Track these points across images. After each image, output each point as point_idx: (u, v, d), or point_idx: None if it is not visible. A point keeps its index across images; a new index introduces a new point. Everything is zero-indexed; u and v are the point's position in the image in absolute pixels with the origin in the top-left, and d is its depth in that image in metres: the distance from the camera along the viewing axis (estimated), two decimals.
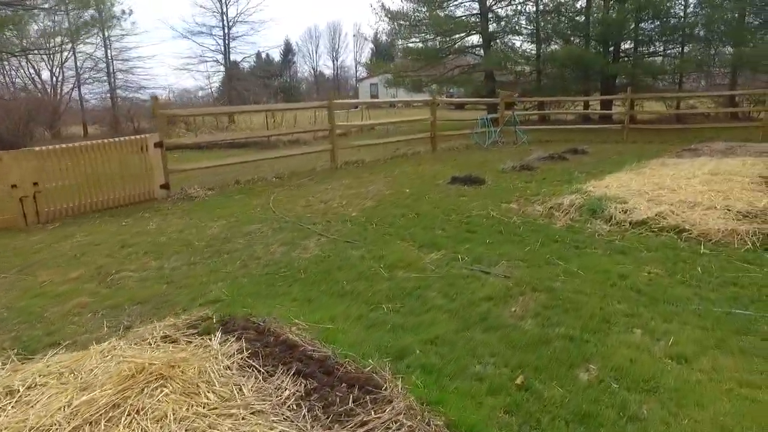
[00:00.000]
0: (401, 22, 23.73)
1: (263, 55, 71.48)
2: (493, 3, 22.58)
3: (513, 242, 4.78)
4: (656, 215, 5.00)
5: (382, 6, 23.43)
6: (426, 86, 23.60)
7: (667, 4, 19.16)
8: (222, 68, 36.94)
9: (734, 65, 19.34)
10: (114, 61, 29.55)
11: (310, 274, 4.20)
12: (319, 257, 4.63)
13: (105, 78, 28.32)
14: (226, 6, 34.58)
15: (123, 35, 28.79)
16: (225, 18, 35.04)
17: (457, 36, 23.32)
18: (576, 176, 8.30)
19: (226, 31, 35.50)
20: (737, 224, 4.62)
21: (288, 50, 75.51)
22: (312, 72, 78.89)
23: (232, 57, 37.17)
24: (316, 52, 78.97)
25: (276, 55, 73.68)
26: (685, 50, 20.41)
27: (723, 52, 20.34)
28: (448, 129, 15.80)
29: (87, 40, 26.74)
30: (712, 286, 3.55)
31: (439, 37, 23.06)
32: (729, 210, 4.94)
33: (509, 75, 23.93)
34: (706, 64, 20.31)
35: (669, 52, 21.05)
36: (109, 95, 28.25)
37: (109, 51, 27.95)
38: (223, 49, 36.15)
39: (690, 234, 4.64)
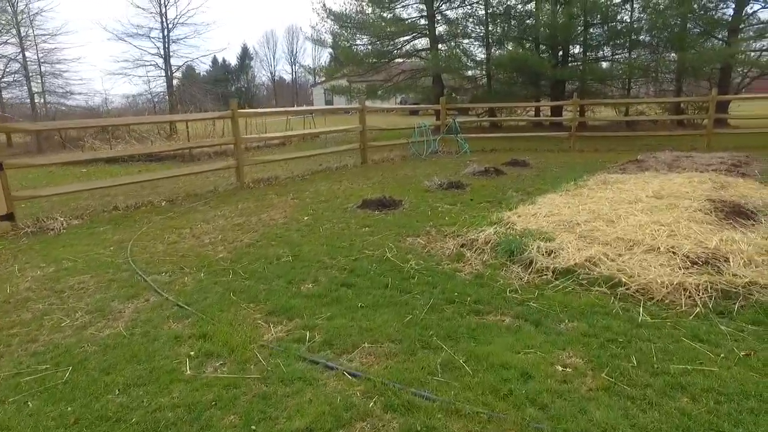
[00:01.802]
0: (345, 24, 22.48)
1: (220, 60, 69.17)
2: (440, 4, 21.63)
3: (395, 305, 3.53)
4: (586, 260, 3.85)
5: (324, 6, 22.15)
6: (372, 93, 22.39)
7: (613, 9, 18.71)
8: (163, 73, 34.84)
9: (678, 71, 19.08)
10: (42, 64, 27.19)
11: (79, 372, 2.82)
12: (118, 338, 3.25)
13: (24, 81, 25.92)
14: (165, 7, 32.53)
15: (47, 35, 26.55)
16: (164, 19, 32.96)
17: (404, 39, 22.25)
18: (509, 196, 7.21)
19: (165, 33, 33.42)
20: (685, 275, 3.52)
21: (245, 55, 73.33)
22: (270, 77, 77.38)
23: (174, 61, 35.05)
24: (274, 57, 77.25)
25: (233, 60, 71.71)
26: (632, 55, 19.98)
27: (668, 58, 20.07)
28: (386, 138, 14.63)
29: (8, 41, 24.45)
30: (651, 395, 2.36)
31: (385, 40, 21.92)
32: (674, 253, 3.84)
33: (459, 80, 23.06)
34: (653, 69, 20.00)
35: (617, 57, 20.61)
36: (28, 100, 25.86)
37: (27, 52, 25.59)
38: (163, 52, 34.02)
39: (627, 289, 3.50)
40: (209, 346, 3.04)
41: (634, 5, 19.26)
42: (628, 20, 19.36)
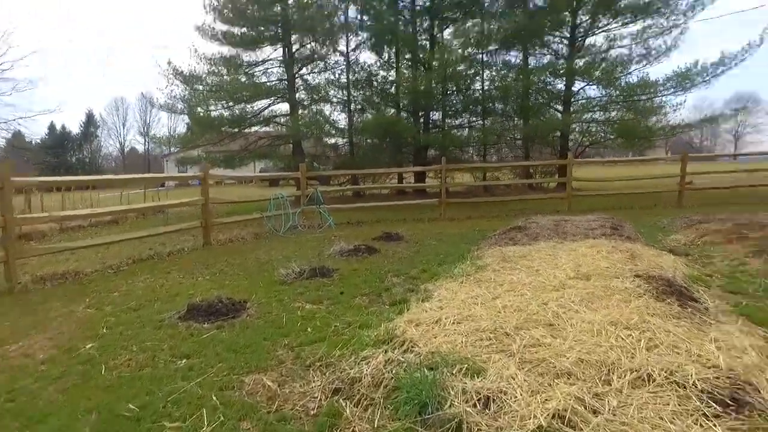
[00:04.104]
0: (197, 87, 20.26)
1: (59, 127, 60.84)
2: (300, 68, 20.63)
3: None
4: (554, 417, 2.22)
5: (172, 67, 19.71)
6: (230, 162, 20.08)
7: (467, 78, 19.44)
8: None
9: (525, 138, 20.16)
10: None
11: None
12: None
13: None
14: None
15: None
16: None
17: (263, 103, 20.65)
18: (390, 284, 5.54)
19: None
20: None
21: (90, 122, 66.17)
22: (119, 147, 71.26)
23: None
24: (124, 127, 70.89)
25: (75, 128, 64.85)
26: (486, 123, 20.75)
27: (517, 126, 21.27)
28: (240, 212, 12.51)
29: None
30: None
31: (242, 104, 20.08)
32: (680, 385, 2.40)
33: (321, 146, 21.94)
34: (505, 137, 20.94)
35: (473, 124, 21.30)
36: None
37: None
38: None
39: None
40: None
41: (485, 76, 20.31)
42: (481, 89, 20.26)
